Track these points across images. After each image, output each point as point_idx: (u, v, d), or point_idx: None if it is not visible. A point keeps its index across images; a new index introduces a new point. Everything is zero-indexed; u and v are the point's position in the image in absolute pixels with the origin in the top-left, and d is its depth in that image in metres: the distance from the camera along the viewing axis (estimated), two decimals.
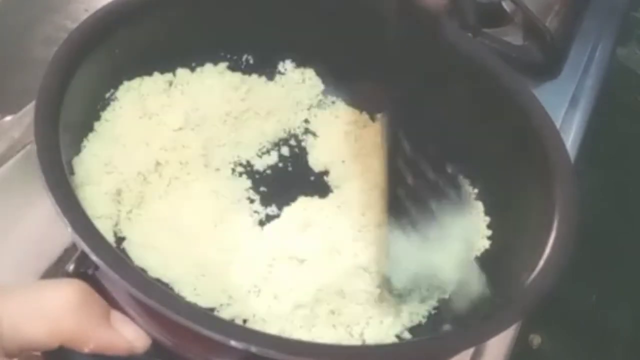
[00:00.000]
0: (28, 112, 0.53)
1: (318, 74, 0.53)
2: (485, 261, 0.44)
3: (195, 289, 0.40)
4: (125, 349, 0.30)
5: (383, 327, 0.40)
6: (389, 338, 0.40)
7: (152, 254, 0.41)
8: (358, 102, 0.53)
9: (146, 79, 0.47)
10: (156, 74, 0.48)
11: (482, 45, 0.59)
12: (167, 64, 0.48)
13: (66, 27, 0.68)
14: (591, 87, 0.71)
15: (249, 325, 0.39)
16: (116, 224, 0.42)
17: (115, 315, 0.30)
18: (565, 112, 0.67)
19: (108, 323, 0.29)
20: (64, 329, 0.28)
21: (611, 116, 0.90)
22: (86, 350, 0.29)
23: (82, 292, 0.29)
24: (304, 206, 0.46)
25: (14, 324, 0.27)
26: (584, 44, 0.75)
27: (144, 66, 0.47)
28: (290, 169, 0.50)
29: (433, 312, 0.42)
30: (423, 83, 0.49)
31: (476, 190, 0.47)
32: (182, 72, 0.49)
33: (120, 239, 0.42)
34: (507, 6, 0.69)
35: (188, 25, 0.48)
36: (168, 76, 0.49)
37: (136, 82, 0.47)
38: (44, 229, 0.46)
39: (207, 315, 0.30)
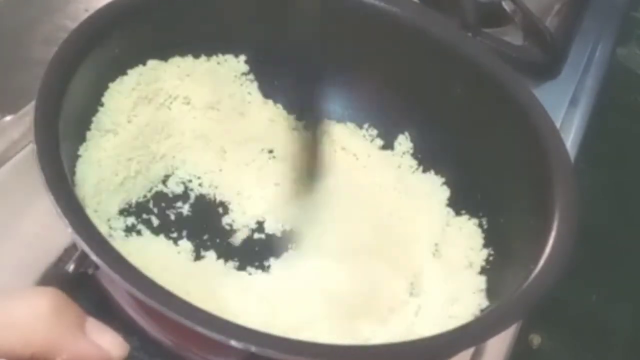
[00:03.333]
0: (28, 112, 0.53)
1: None
2: (486, 262, 0.44)
3: None
4: (101, 358, 0.29)
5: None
6: None
7: None
8: None
9: None
10: None
11: (482, 45, 0.59)
12: None
13: (66, 27, 0.68)
14: (591, 87, 0.71)
15: None
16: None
17: (91, 323, 0.29)
18: (565, 112, 0.67)
19: (82, 333, 0.28)
20: (35, 338, 0.27)
21: (611, 116, 0.90)
22: None
23: (55, 301, 0.28)
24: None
25: None
26: (584, 44, 0.75)
27: (143, 67, 0.47)
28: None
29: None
30: (423, 84, 0.49)
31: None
32: None
33: None
34: (507, 6, 0.69)
35: (190, 25, 0.48)
36: None
37: None
38: (44, 229, 0.46)
39: (207, 315, 0.30)
